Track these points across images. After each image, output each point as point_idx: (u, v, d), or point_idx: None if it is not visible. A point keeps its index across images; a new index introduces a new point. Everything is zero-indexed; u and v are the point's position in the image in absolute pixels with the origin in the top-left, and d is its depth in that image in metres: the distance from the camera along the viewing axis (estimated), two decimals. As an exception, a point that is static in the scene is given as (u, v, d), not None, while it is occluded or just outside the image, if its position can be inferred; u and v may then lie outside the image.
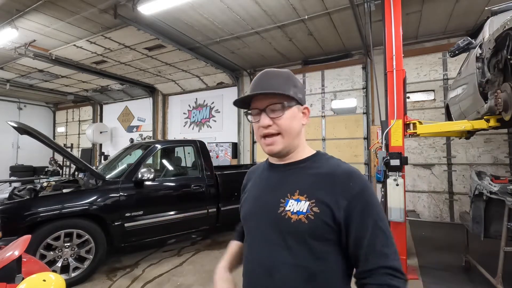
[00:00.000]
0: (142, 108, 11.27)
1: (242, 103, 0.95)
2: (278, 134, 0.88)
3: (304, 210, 0.81)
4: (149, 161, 4.36)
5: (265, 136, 0.90)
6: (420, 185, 6.48)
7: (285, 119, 0.87)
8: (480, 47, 3.09)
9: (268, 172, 0.98)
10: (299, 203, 0.83)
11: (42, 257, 3.10)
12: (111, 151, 11.32)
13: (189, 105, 10.25)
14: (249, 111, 0.94)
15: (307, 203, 0.82)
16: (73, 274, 3.28)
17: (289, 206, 0.84)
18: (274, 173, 0.95)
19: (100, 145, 12.27)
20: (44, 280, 1.16)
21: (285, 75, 0.92)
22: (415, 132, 3.71)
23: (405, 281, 0.78)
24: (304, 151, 0.95)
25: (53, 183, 4.23)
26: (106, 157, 10.49)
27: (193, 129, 10.10)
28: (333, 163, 0.89)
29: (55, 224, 3.22)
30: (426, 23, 5.78)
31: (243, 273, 0.96)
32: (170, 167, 5.05)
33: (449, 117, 5.05)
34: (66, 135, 13.74)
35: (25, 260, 1.65)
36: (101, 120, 12.49)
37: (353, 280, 0.86)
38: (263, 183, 0.98)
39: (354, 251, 0.80)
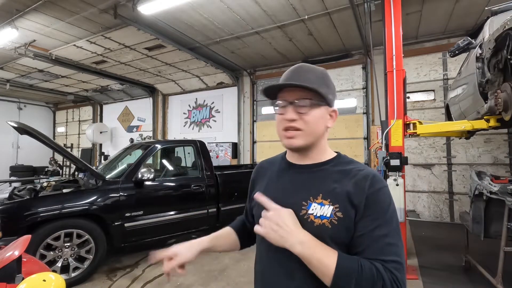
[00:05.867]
0: (142, 108, 11.27)
1: (270, 93, 0.92)
2: (301, 130, 0.85)
3: (328, 215, 0.80)
4: (149, 161, 4.36)
5: (287, 129, 0.86)
6: (420, 185, 6.48)
7: (312, 116, 0.84)
8: (480, 47, 3.09)
9: (287, 172, 0.94)
10: (322, 207, 0.81)
11: (42, 257, 3.10)
12: (111, 151, 11.32)
13: (189, 105, 10.25)
14: (276, 102, 0.90)
15: (331, 207, 0.80)
16: (73, 274, 3.28)
17: (312, 209, 0.82)
18: (294, 174, 0.92)
19: (100, 145, 12.26)
20: (44, 280, 1.15)
21: (319, 73, 0.89)
22: (415, 132, 3.71)
23: (403, 270, 0.74)
24: (326, 153, 0.92)
25: (53, 183, 4.22)
26: (106, 157, 10.50)
27: (193, 129, 10.10)
28: (355, 167, 0.87)
29: (55, 224, 3.21)
30: (426, 23, 5.78)
31: (258, 273, 0.94)
32: (170, 167, 5.05)
33: (449, 117, 5.05)
34: (66, 135, 13.74)
35: (25, 260, 1.65)
36: (101, 120, 12.49)
37: None
38: (282, 184, 0.93)
39: (356, 242, 0.78)
